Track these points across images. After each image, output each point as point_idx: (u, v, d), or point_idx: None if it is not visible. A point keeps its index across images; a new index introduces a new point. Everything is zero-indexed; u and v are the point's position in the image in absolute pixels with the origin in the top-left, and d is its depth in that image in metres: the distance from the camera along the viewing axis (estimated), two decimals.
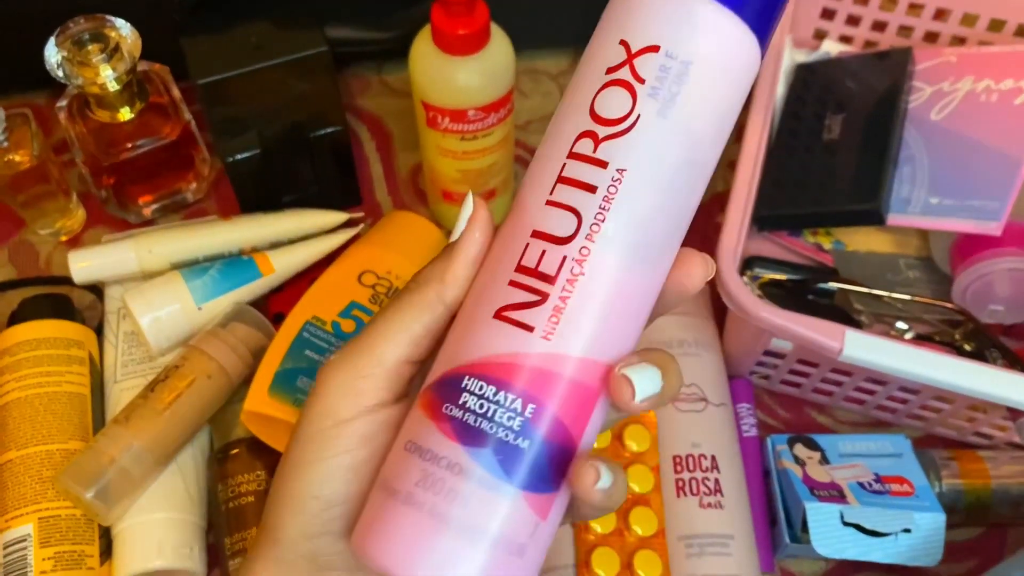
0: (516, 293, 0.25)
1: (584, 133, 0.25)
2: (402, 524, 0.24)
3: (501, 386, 0.24)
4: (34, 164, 0.56)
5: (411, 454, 0.25)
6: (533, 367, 0.24)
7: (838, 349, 0.45)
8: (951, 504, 0.51)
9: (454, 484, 0.24)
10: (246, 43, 0.53)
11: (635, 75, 0.25)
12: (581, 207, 0.25)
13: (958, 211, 0.54)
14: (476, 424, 0.24)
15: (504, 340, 0.25)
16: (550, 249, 0.25)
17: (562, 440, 0.25)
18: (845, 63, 0.63)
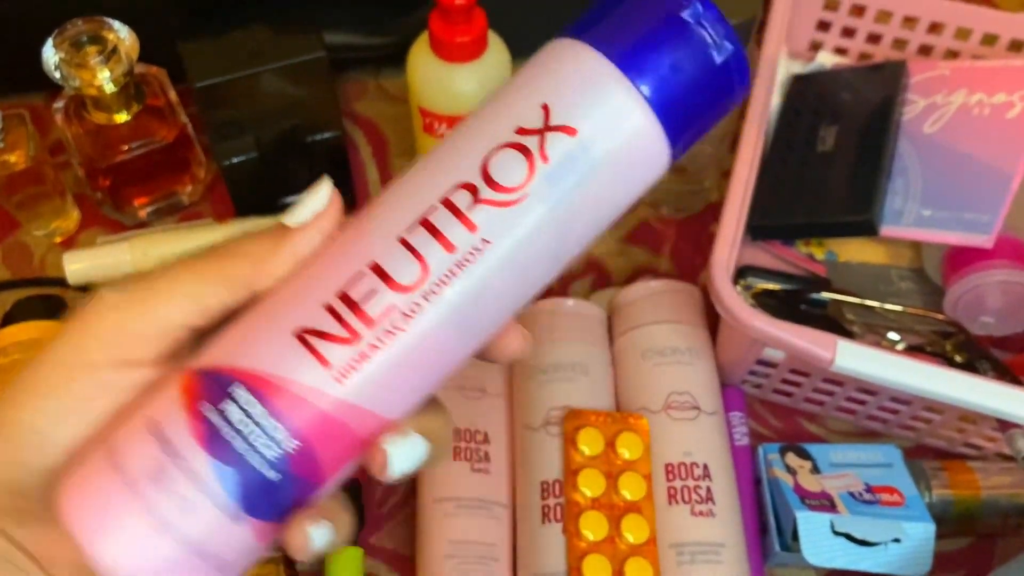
0: (327, 320, 0.23)
1: (466, 185, 0.24)
2: (118, 508, 0.23)
3: (271, 410, 0.23)
4: (30, 165, 0.56)
5: (152, 438, 0.23)
6: (312, 404, 0.23)
7: (830, 359, 0.46)
8: (941, 514, 0.51)
9: (187, 492, 0.23)
10: (244, 47, 0.53)
11: (542, 151, 0.24)
12: (432, 261, 0.23)
13: (950, 223, 0.55)
14: (231, 439, 0.23)
15: (294, 363, 0.23)
16: (382, 291, 0.23)
17: (311, 481, 0.24)
18: (840, 75, 0.64)
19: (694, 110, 0.25)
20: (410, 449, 0.24)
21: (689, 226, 0.64)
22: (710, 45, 0.24)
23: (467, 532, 0.49)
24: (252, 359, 0.23)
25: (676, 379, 0.52)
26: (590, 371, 0.53)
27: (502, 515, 0.50)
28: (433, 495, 0.50)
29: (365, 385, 0.23)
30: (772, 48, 0.57)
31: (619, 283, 0.61)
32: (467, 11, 0.49)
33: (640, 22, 0.24)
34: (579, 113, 0.24)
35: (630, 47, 0.24)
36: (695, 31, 0.24)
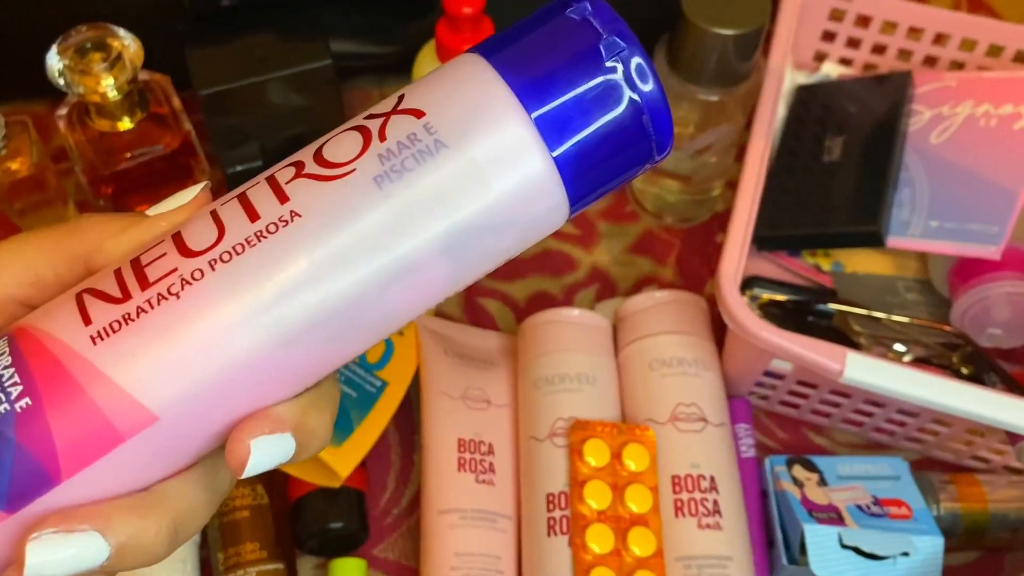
0: (109, 282, 0.21)
1: (295, 162, 0.22)
2: None
3: (15, 359, 0.21)
4: (32, 172, 0.56)
5: None
6: (59, 361, 0.20)
7: (839, 371, 0.45)
8: (949, 528, 0.50)
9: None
10: (250, 55, 0.53)
11: (381, 130, 0.21)
12: (230, 228, 0.21)
13: (957, 234, 0.55)
14: None
15: (58, 318, 0.21)
16: (171, 255, 0.21)
17: (43, 461, 0.20)
18: (845, 85, 0.63)
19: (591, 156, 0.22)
20: (275, 447, 0.21)
21: (694, 236, 0.64)
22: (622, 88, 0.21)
23: (472, 544, 0.48)
24: (35, 317, 0.22)
25: (682, 390, 0.51)
26: (596, 382, 0.52)
27: (507, 527, 0.50)
28: (437, 507, 0.49)
29: (122, 355, 0.20)
30: (779, 58, 0.57)
31: (624, 293, 0.61)
32: (474, 20, 0.48)
33: (554, 49, 0.22)
34: (431, 98, 0.22)
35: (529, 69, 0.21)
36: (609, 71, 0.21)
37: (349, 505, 0.51)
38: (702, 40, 0.52)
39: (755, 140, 0.54)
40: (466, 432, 0.51)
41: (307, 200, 0.21)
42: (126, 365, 0.20)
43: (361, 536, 0.51)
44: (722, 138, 0.58)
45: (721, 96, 0.55)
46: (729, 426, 0.52)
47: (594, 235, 0.64)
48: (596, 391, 0.52)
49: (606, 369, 0.54)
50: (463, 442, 0.51)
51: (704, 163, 0.59)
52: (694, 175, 0.60)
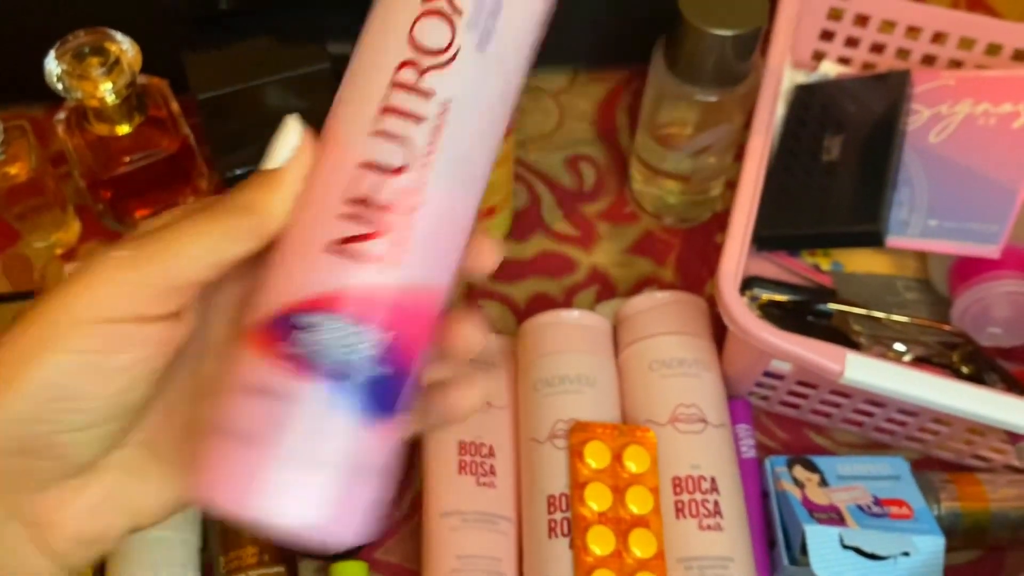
0: (350, 226, 0.24)
1: (405, 62, 0.25)
2: (266, 471, 0.23)
3: (344, 318, 0.24)
4: (31, 177, 0.56)
5: (256, 398, 0.24)
6: (374, 297, 0.24)
7: (839, 371, 0.45)
8: (949, 527, 0.50)
9: (300, 417, 0.24)
10: (247, 59, 0.53)
11: (452, 6, 0.25)
12: (410, 137, 0.25)
13: (956, 234, 0.54)
14: (316, 358, 0.24)
15: (341, 272, 0.24)
16: (383, 180, 0.24)
17: (399, 365, 0.25)
18: (844, 84, 0.63)
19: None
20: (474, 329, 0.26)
21: (694, 236, 0.64)
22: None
23: (473, 546, 0.48)
24: (303, 288, 0.24)
25: (683, 391, 0.51)
26: (596, 383, 0.52)
27: (508, 529, 0.50)
28: (439, 509, 0.49)
29: (411, 264, 0.24)
30: (777, 58, 0.57)
31: (624, 294, 0.61)
32: None
33: None
34: None
35: None
36: None
37: None
38: (700, 41, 0.52)
39: (754, 140, 0.54)
40: (467, 434, 0.51)
41: (446, 86, 0.25)
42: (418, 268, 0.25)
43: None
44: (721, 138, 0.58)
45: (720, 97, 0.55)
46: (729, 427, 0.52)
47: (594, 236, 0.64)
48: (596, 392, 0.52)
49: (606, 370, 0.54)
50: (464, 444, 0.51)
51: (703, 163, 0.59)
52: (693, 175, 0.60)
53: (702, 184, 0.61)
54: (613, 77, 0.70)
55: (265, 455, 0.24)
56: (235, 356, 0.25)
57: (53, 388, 0.23)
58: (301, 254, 0.25)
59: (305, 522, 0.24)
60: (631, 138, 0.65)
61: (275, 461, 0.24)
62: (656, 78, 0.56)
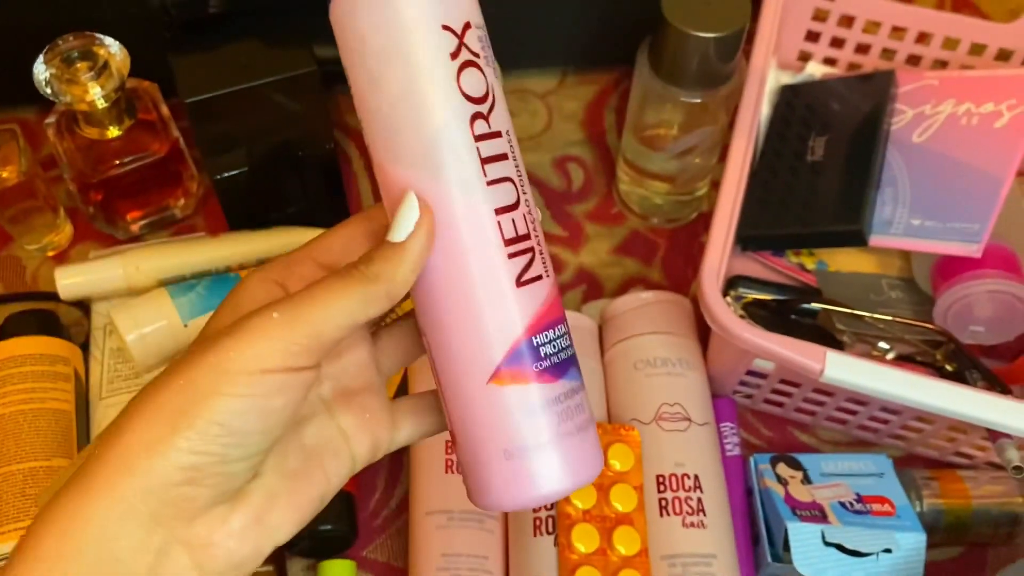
0: (517, 261, 0.29)
1: (475, 116, 0.29)
2: (569, 453, 0.30)
3: (554, 325, 0.30)
4: (21, 180, 0.56)
5: (533, 414, 0.29)
6: (556, 299, 0.30)
7: (819, 370, 0.46)
8: (932, 524, 0.51)
9: (576, 402, 0.30)
10: (235, 62, 0.53)
11: (472, 53, 0.29)
12: (510, 173, 0.29)
13: (939, 233, 0.55)
14: (560, 359, 0.30)
15: (535, 296, 0.30)
16: (514, 216, 0.29)
17: (567, 327, 0.31)
18: (829, 85, 0.64)
19: None
20: None
21: (680, 236, 0.64)
22: None
23: (459, 545, 0.49)
24: (520, 322, 0.29)
25: (667, 390, 0.52)
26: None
27: (494, 528, 0.50)
28: (425, 508, 0.50)
29: (549, 262, 0.31)
30: (761, 59, 0.58)
31: (610, 294, 0.62)
32: None
33: None
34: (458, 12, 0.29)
35: None
36: None
37: (339, 507, 0.51)
38: (683, 43, 0.52)
39: (737, 140, 0.54)
40: None
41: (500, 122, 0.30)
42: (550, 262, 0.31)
43: (350, 538, 0.52)
44: (706, 139, 0.58)
45: (704, 98, 0.55)
46: (713, 425, 0.53)
47: (581, 236, 0.64)
48: None
49: (592, 370, 0.54)
50: (450, 444, 0.51)
51: (688, 164, 0.60)
52: (679, 176, 0.61)
53: (688, 184, 0.62)
54: (601, 79, 0.71)
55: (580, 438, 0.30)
56: (491, 399, 0.30)
57: (222, 426, 0.27)
58: (498, 300, 0.29)
59: (601, 462, 0.31)
60: (619, 139, 0.66)
61: (587, 436, 0.30)
62: (641, 80, 0.56)
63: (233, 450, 0.27)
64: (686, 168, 0.60)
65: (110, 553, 0.26)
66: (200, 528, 0.27)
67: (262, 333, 0.27)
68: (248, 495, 0.29)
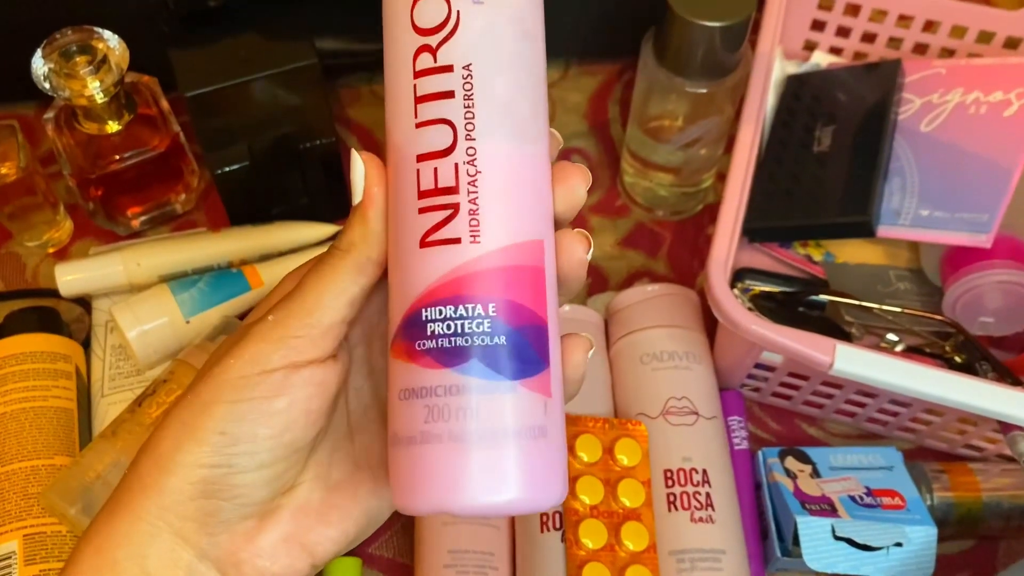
0: (429, 217, 0.26)
1: (420, 49, 0.26)
2: (431, 462, 0.25)
3: (458, 301, 0.25)
4: (21, 176, 0.56)
5: (407, 400, 0.26)
6: (477, 271, 0.25)
7: (829, 363, 0.45)
8: (942, 517, 0.51)
9: (458, 404, 0.25)
10: (235, 55, 0.53)
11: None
12: (449, 114, 0.26)
13: (948, 223, 0.54)
14: (452, 344, 0.25)
15: (440, 262, 0.25)
16: (440, 164, 0.26)
17: (531, 321, 0.26)
18: (835, 74, 0.63)
19: None
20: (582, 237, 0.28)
21: (686, 228, 0.64)
22: None
23: (466, 541, 0.48)
24: (415, 288, 0.26)
25: (674, 384, 0.51)
26: (587, 376, 0.52)
27: (501, 524, 0.50)
28: None
29: (495, 229, 0.25)
30: (767, 48, 0.57)
31: (616, 287, 0.61)
32: None
33: None
34: None
35: None
36: None
37: None
38: (688, 33, 0.51)
39: (743, 131, 0.54)
40: None
41: (460, 53, 0.26)
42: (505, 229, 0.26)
43: None
44: (711, 130, 0.57)
45: (709, 88, 0.54)
46: (721, 419, 0.52)
47: (586, 229, 0.63)
48: (587, 386, 0.52)
49: (597, 364, 0.54)
50: None
51: (694, 155, 0.59)
52: (684, 167, 0.60)
53: (693, 176, 0.61)
54: (605, 70, 0.70)
55: (447, 448, 0.25)
56: (389, 371, 0.27)
57: (225, 434, 0.26)
58: (401, 258, 0.26)
59: (512, 495, 0.25)
60: (623, 131, 0.65)
61: (459, 450, 0.25)
62: (645, 71, 0.56)
63: (242, 459, 0.26)
64: (691, 159, 0.59)
65: (143, 569, 0.26)
66: (225, 544, 0.27)
67: (260, 337, 0.27)
68: (279, 510, 0.28)
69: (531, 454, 0.25)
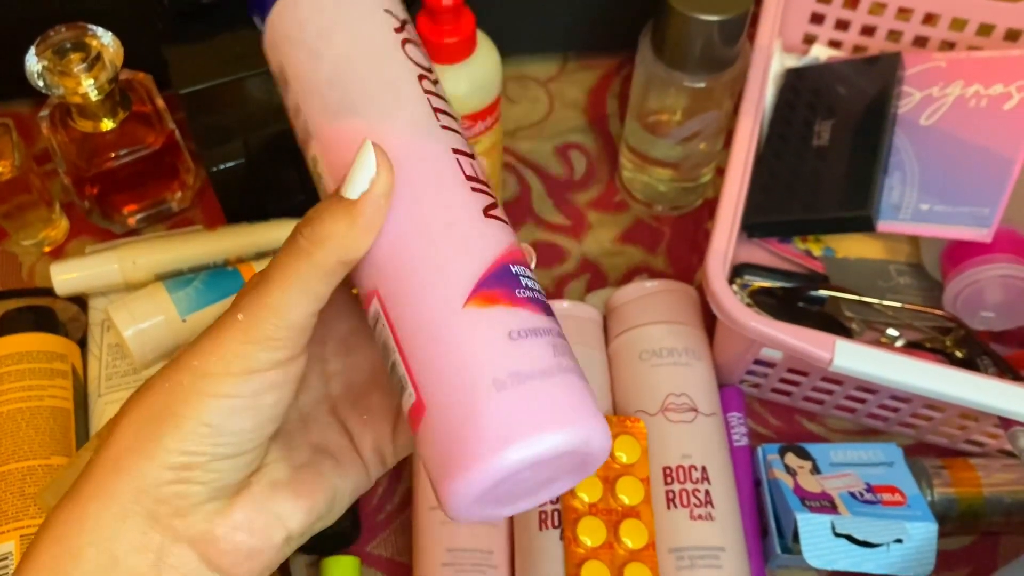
0: (481, 197, 0.28)
1: (421, 75, 0.29)
2: (572, 389, 0.26)
3: (526, 264, 0.28)
4: (16, 175, 0.55)
5: (526, 338, 0.26)
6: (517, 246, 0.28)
7: (828, 359, 0.45)
8: (943, 513, 0.50)
9: (568, 348, 0.27)
10: (230, 52, 0.52)
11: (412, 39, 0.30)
12: (460, 133, 0.29)
13: (948, 217, 0.54)
14: (540, 298, 0.27)
15: (503, 233, 0.28)
16: (472, 162, 0.28)
17: None
18: (834, 68, 0.63)
19: None
20: None
21: (684, 224, 0.63)
22: None
23: (464, 539, 0.48)
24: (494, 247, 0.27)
25: (673, 380, 0.51)
26: (586, 373, 0.52)
27: (499, 522, 0.49)
28: (429, 502, 0.49)
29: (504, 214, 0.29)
30: (766, 42, 0.57)
31: (614, 283, 0.61)
32: (454, 11, 0.48)
33: None
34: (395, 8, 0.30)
35: None
36: None
37: None
38: (686, 27, 0.51)
39: (742, 126, 0.53)
40: None
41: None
42: None
43: (354, 534, 0.51)
44: (710, 125, 0.57)
45: (708, 83, 0.54)
46: (720, 415, 0.52)
47: (584, 225, 0.63)
48: None
49: (596, 360, 0.53)
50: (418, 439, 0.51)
51: (693, 150, 0.59)
52: (683, 162, 0.60)
53: (692, 171, 0.61)
54: (603, 64, 0.70)
55: (574, 379, 0.26)
56: (475, 318, 0.26)
57: (209, 427, 0.26)
58: (470, 224, 0.27)
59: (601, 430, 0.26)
60: (622, 125, 0.65)
61: (580, 380, 0.27)
62: (643, 65, 0.55)
63: (223, 448, 0.27)
64: (690, 154, 0.59)
65: (109, 554, 0.26)
66: (199, 523, 0.27)
67: (229, 336, 0.26)
68: (249, 486, 0.28)
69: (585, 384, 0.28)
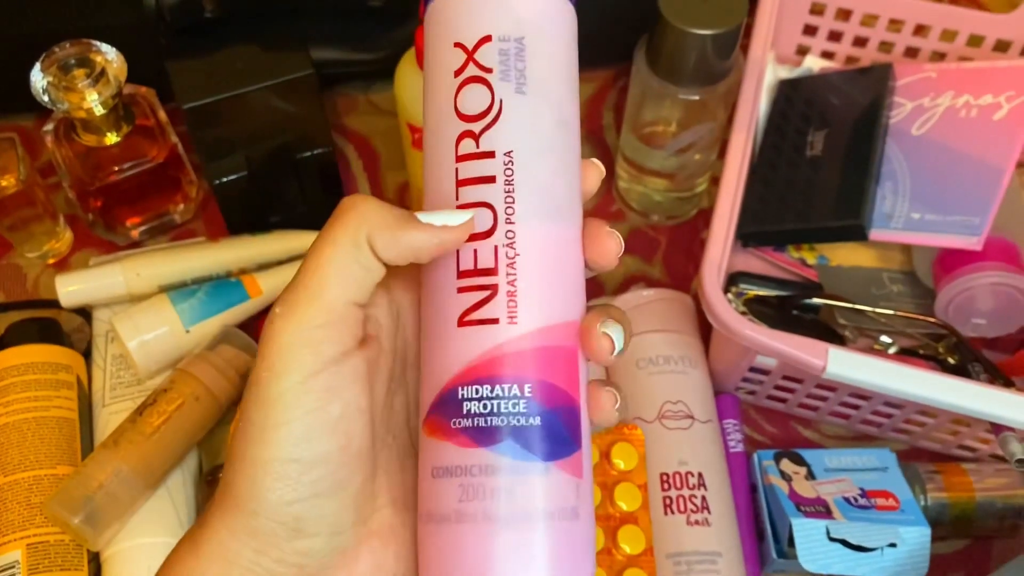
0: (468, 297, 0.26)
1: (462, 135, 0.27)
2: (464, 542, 0.25)
3: (494, 381, 0.25)
4: (20, 188, 0.56)
5: (441, 478, 0.25)
6: (514, 352, 0.26)
7: (821, 367, 0.46)
8: (936, 517, 0.51)
9: (493, 484, 0.25)
10: (232, 67, 0.53)
11: (481, 68, 0.27)
12: (490, 198, 0.26)
13: (940, 226, 0.55)
14: (488, 424, 0.25)
15: (478, 341, 0.26)
16: (480, 246, 0.26)
17: (565, 402, 0.26)
18: (827, 79, 0.64)
19: None
20: (618, 328, 0.27)
21: (680, 233, 0.64)
22: None
23: None
24: (452, 366, 0.26)
25: (670, 388, 0.52)
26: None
27: None
28: None
29: (532, 310, 0.26)
30: (759, 53, 0.57)
31: (612, 292, 0.62)
32: None
33: None
34: (479, 25, 0.27)
35: None
36: None
37: None
38: (680, 40, 0.52)
39: (736, 136, 0.54)
40: None
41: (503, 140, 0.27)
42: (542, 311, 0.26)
43: None
44: (705, 136, 0.58)
45: (702, 95, 0.55)
46: (716, 422, 0.53)
47: None
48: None
49: (593, 369, 0.54)
50: None
51: (688, 161, 0.60)
52: (678, 173, 0.60)
53: (687, 181, 0.62)
54: (599, 76, 0.71)
55: (482, 529, 0.25)
56: (421, 448, 0.27)
57: (292, 461, 0.24)
58: (439, 336, 0.26)
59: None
60: (617, 136, 0.66)
61: (493, 531, 0.25)
62: (638, 78, 0.56)
63: (319, 483, 0.25)
64: (685, 165, 0.60)
65: None
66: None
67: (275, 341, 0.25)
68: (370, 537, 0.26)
69: (563, 535, 0.25)
